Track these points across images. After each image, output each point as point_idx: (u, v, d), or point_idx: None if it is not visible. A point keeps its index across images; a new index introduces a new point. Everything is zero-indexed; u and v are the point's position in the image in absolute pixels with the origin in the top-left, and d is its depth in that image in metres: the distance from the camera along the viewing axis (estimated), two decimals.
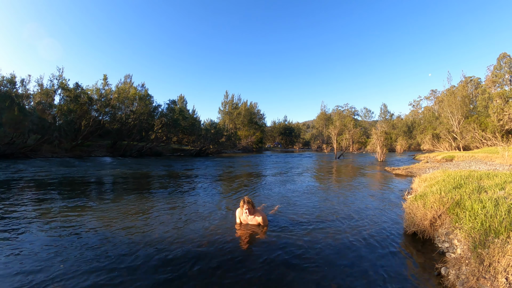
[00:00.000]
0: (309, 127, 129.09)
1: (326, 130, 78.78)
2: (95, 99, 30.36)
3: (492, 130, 35.91)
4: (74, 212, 6.48)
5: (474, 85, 57.71)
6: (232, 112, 71.15)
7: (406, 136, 71.36)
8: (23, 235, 4.85)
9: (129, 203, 7.63)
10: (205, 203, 7.85)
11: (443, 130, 45.02)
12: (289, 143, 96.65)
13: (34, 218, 5.94)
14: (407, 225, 5.30)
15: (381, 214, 6.78)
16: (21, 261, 3.81)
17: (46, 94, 27.49)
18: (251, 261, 4.00)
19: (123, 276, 3.47)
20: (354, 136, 51.21)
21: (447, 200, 5.27)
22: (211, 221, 6.00)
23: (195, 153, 37.63)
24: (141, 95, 34.64)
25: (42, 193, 8.78)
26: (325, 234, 5.14)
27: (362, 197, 9.04)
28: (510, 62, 44.94)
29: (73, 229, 5.22)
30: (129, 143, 33.55)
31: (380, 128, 33.99)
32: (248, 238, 4.96)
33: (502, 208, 4.28)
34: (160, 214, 6.55)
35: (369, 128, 72.19)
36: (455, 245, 4.09)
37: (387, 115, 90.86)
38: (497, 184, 6.43)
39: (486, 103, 43.88)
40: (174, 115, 37.81)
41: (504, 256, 3.11)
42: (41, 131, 24.77)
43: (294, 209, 7.25)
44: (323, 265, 3.87)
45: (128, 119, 34.65)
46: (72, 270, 3.58)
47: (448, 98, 47.85)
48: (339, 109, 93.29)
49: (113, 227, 5.40)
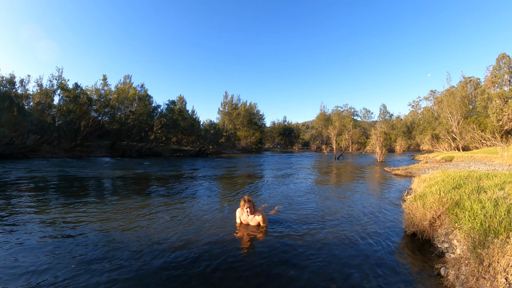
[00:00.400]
0: (309, 128, 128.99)
1: (325, 131, 78.75)
2: (94, 100, 30.32)
3: (492, 131, 35.93)
4: (73, 213, 6.47)
5: (473, 86, 57.84)
6: (232, 113, 71.17)
7: (406, 136, 71.36)
8: (22, 235, 4.83)
9: (129, 204, 7.62)
10: (205, 203, 7.85)
11: (442, 131, 45.06)
12: (289, 144, 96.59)
13: (32, 219, 5.92)
14: (407, 225, 5.30)
15: (381, 214, 6.77)
16: (22, 261, 3.80)
17: (45, 94, 27.43)
18: (251, 260, 4.00)
19: (124, 276, 3.46)
20: (354, 137, 51.15)
21: (446, 201, 5.27)
22: (211, 221, 6.00)
23: (195, 154, 37.60)
24: (140, 96, 34.62)
25: (40, 194, 8.77)
26: (325, 235, 5.14)
27: (361, 197, 9.04)
28: (509, 63, 44.99)
29: (71, 230, 5.21)
30: (129, 144, 33.54)
31: (380, 129, 34.02)
32: (248, 237, 4.95)
33: (501, 208, 4.29)
34: (159, 214, 6.54)
35: (368, 129, 72.20)
36: (454, 245, 4.08)
37: (387, 115, 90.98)
38: (496, 184, 6.43)
39: (486, 104, 43.92)
40: (173, 115, 37.80)
41: (503, 256, 3.11)
42: (40, 131, 24.74)
43: (294, 209, 7.25)
44: (323, 265, 3.86)
45: (128, 120, 34.62)
46: (71, 270, 3.58)
47: (448, 99, 47.86)
48: (339, 110, 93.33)
49: (113, 228, 5.39)
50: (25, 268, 3.60)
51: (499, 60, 46.44)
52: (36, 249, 4.24)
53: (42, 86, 27.90)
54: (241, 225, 5.58)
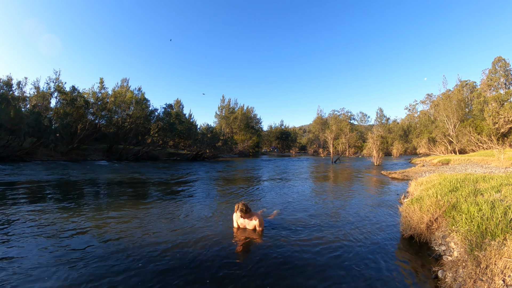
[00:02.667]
0: (306, 132, 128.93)
1: (322, 135, 78.75)
2: (91, 103, 30.30)
3: (488, 133, 36.09)
4: (68, 217, 6.41)
5: (469, 89, 58.03)
6: (229, 117, 71.14)
7: (402, 140, 71.63)
8: (17, 240, 4.79)
9: (125, 207, 7.57)
10: (202, 207, 7.81)
11: (439, 134, 45.17)
12: (286, 148, 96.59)
13: (27, 222, 5.86)
14: (404, 228, 5.29)
15: (378, 218, 6.77)
16: (18, 266, 3.77)
17: (42, 97, 27.41)
18: (247, 264, 3.97)
19: (119, 281, 3.43)
20: (350, 140, 51.36)
21: (443, 203, 5.28)
22: (209, 225, 5.97)
23: (192, 158, 37.50)
24: (137, 99, 34.59)
25: (36, 197, 8.70)
26: (321, 238, 5.12)
27: (358, 201, 9.04)
28: (505, 66, 45.32)
29: (66, 234, 5.16)
30: (125, 147, 33.44)
31: (376, 132, 34.12)
32: (245, 241, 4.92)
33: (498, 211, 4.29)
34: (156, 218, 6.50)
35: (365, 132, 72.31)
36: (451, 248, 4.08)
37: (383, 119, 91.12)
38: (493, 186, 6.44)
39: (482, 107, 44.11)
40: (170, 119, 37.74)
41: (501, 258, 3.11)
42: (37, 134, 24.65)
43: (291, 213, 7.23)
44: (319, 269, 3.85)
45: (125, 123, 34.54)
46: (66, 276, 3.55)
47: (444, 102, 48.05)
48: (335, 114, 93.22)
49: (108, 232, 5.35)
50: (23, 271, 3.57)
51: (495, 64, 46.76)
52: (28, 255, 4.20)
53: (39, 89, 27.88)
54: (238, 229, 5.55)
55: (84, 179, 13.34)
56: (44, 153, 25.16)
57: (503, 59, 45.78)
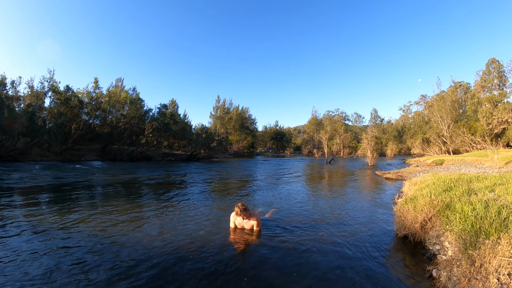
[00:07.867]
0: (300, 132, 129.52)
1: (317, 135, 79.15)
2: (85, 102, 30.06)
3: (482, 134, 36.43)
4: (62, 218, 6.34)
5: (463, 90, 58.41)
6: (224, 117, 71.08)
7: (397, 140, 72.14)
8: (11, 241, 4.73)
9: (119, 208, 7.51)
10: (197, 208, 7.77)
11: (433, 134, 45.41)
12: (280, 148, 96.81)
13: (21, 223, 5.80)
14: (398, 228, 5.31)
15: (372, 217, 6.79)
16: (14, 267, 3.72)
17: (36, 96, 27.11)
18: (242, 265, 3.95)
19: (114, 283, 3.40)
20: (345, 141, 51.59)
21: (437, 203, 5.30)
22: (204, 226, 5.93)
23: (186, 158, 37.38)
24: (132, 99, 34.38)
25: (30, 198, 8.61)
26: (316, 238, 5.12)
27: (353, 201, 9.06)
28: (498, 68, 45.61)
29: (60, 235, 5.11)
30: (120, 147, 33.20)
31: (371, 133, 34.18)
32: (241, 242, 4.90)
33: (492, 210, 4.31)
34: (150, 219, 6.45)
35: (359, 133, 72.57)
36: (446, 247, 4.09)
37: (378, 120, 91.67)
38: (486, 186, 6.49)
39: (476, 108, 44.49)
40: (165, 119, 37.52)
41: (495, 257, 3.12)
42: (31, 134, 24.37)
43: (286, 213, 7.22)
44: (314, 269, 3.84)
45: (119, 123, 34.31)
46: (58, 278, 3.51)
47: (438, 103, 48.29)
48: (330, 114, 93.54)
49: (102, 234, 5.29)
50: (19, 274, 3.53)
51: (489, 65, 47.05)
52: (22, 255, 4.14)
53: (33, 88, 27.60)
54: (235, 229, 5.52)
55: (78, 180, 13.20)
56: (38, 153, 24.90)
57: (497, 60, 46.09)
